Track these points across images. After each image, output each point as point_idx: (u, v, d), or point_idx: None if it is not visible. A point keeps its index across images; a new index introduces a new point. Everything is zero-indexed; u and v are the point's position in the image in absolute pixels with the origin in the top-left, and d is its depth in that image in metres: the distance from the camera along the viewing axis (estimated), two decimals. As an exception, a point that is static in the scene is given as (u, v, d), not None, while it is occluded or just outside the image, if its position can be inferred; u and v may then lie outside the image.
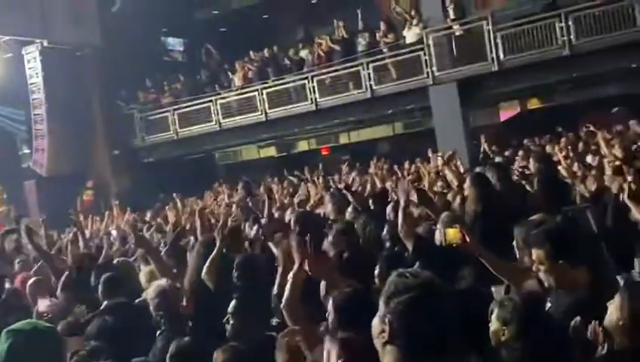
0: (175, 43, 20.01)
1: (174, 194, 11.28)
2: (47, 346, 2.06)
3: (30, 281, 5.05)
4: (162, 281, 3.74)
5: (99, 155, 17.15)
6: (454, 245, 3.40)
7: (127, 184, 16.50)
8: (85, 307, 4.24)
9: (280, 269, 3.65)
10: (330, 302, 2.80)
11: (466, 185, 5.31)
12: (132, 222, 10.67)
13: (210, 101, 16.17)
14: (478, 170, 6.44)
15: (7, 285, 5.46)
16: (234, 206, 9.46)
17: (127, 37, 16.34)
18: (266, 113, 15.39)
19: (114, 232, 9.07)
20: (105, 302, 4.31)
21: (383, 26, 14.37)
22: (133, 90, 17.50)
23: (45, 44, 15.71)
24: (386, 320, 1.71)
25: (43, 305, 4.61)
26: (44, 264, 5.65)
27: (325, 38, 15.44)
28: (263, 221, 6.43)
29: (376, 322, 1.77)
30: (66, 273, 4.98)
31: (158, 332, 3.43)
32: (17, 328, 2.09)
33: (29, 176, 17.06)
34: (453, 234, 3.40)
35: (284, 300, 3.10)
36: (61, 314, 4.14)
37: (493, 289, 3.62)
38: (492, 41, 12.53)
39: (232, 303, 3.41)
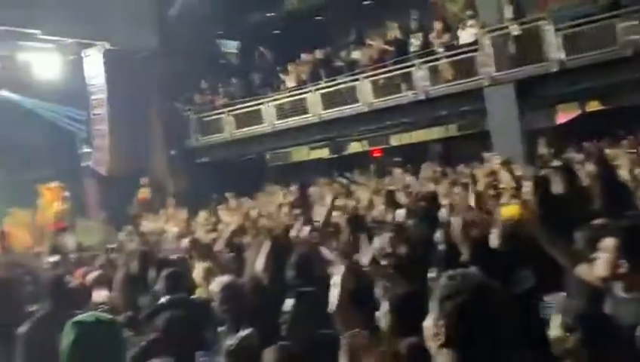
0: (230, 45, 20.33)
1: (227, 194, 11.45)
2: (109, 337, 2.15)
3: (91, 275, 5.22)
4: (226, 277, 3.79)
5: (156, 155, 17.58)
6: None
7: (183, 183, 16.85)
8: (145, 301, 4.36)
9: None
10: (387, 304, 2.79)
11: (525, 189, 5.19)
12: (187, 221, 10.93)
13: (263, 103, 16.37)
14: (539, 173, 6.30)
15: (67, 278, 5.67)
16: (287, 207, 9.54)
17: (184, 40, 16.71)
18: (318, 115, 15.46)
19: (172, 230, 9.29)
20: (167, 297, 4.42)
21: (437, 26, 14.21)
22: (189, 92, 17.87)
23: (106, 46, 16.21)
24: (439, 322, 1.70)
25: (99, 296, 4.76)
26: (105, 259, 5.85)
27: (378, 39, 15.40)
28: (315, 223, 6.46)
29: (429, 324, 1.75)
30: (126, 268, 5.13)
31: (223, 328, 3.46)
32: (81, 320, 2.19)
33: (89, 175, 17.63)
34: (512, 210, 3.35)
35: (334, 305, 3.03)
36: (121, 308, 4.25)
37: (548, 297, 3.54)
38: (552, 41, 12.22)
39: (288, 302, 3.42)
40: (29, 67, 15.86)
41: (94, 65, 16.53)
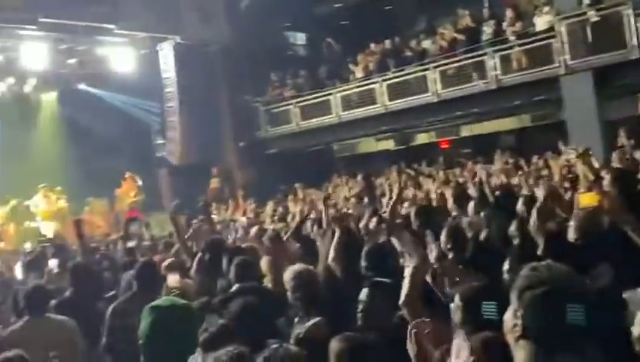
0: (297, 37, 20.45)
1: (296, 185, 11.55)
2: (183, 321, 2.23)
3: (165, 262, 5.39)
4: (299, 264, 3.82)
5: (226, 146, 17.96)
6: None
7: (252, 174, 17.14)
8: (217, 288, 4.46)
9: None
10: (457, 297, 2.73)
11: (606, 182, 4.96)
12: (256, 211, 11.12)
13: (330, 94, 16.39)
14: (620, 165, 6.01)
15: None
16: (354, 198, 9.54)
17: (253, 32, 16.93)
18: (385, 105, 15.35)
19: (242, 220, 9.45)
20: (237, 285, 4.51)
21: (510, 13, 13.80)
22: (258, 84, 18.12)
23: (178, 40, 16.64)
24: (519, 314, 1.67)
25: (172, 280, 4.90)
26: (179, 247, 6.02)
27: (449, 27, 15.10)
28: (383, 214, 6.41)
29: (508, 316, 1.73)
30: (200, 255, 5.26)
31: (297, 317, 3.47)
32: (158, 304, 2.28)
33: (162, 165, 18.22)
34: (589, 198, 3.20)
35: (403, 297, 3.03)
36: (195, 294, 4.36)
37: (627, 294, 3.37)
38: (632, 27, 11.62)
39: (364, 291, 3.40)
40: (106, 61, 16.50)
41: (167, 59, 17.01)
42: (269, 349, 2.28)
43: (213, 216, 10.18)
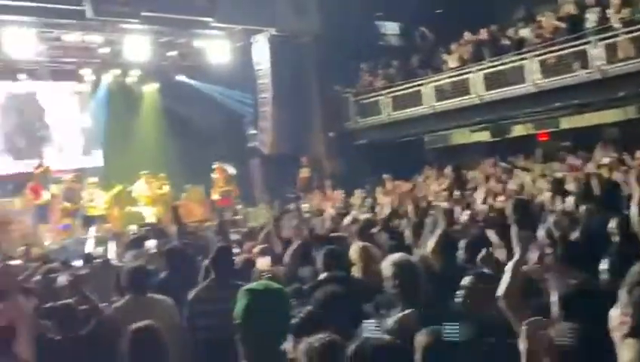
0: (390, 27, 20.26)
1: (384, 176, 11.48)
2: (277, 304, 2.29)
3: (257, 248, 5.52)
4: (398, 254, 3.81)
5: (315, 137, 18.11)
6: None
7: (340, 165, 17.22)
8: (307, 275, 4.53)
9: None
10: (556, 294, 2.63)
11: None
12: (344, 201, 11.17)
13: (423, 84, 16.14)
14: None
15: (236, 251, 6.07)
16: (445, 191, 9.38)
17: (345, 23, 16.92)
18: (480, 96, 14.93)
19: (330, 210, 9.53)
20: (324, 273, 4.56)
21: (615, 0, 12.99)
22: (348, 75, 18.13)
23: (272, 32, 16.94)
24: (628, 311, 1.57)
25: (262, 263, 5.01)
26: (270, 233, 6.16)
27: (549, 15, 14.43)
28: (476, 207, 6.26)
29: (616, 314, 1.64)
30: (294, 243, 5.36)
31: (389, 308, 3.45)
32: (252, 287, 2.35)
33: (254, 155, 18.67)
34: None
35: (503, 289, 2.99)
36: (285, 281, 4.44)
37: None
38: None
39: (465, 279, 3.34)
40: (204, 54, 17.08)
41: (261, 51, 17.36)
42: (360, 337, 2.28)
43: (302, 205, 10.34)
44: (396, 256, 3.74)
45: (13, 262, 7.02)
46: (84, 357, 3.86)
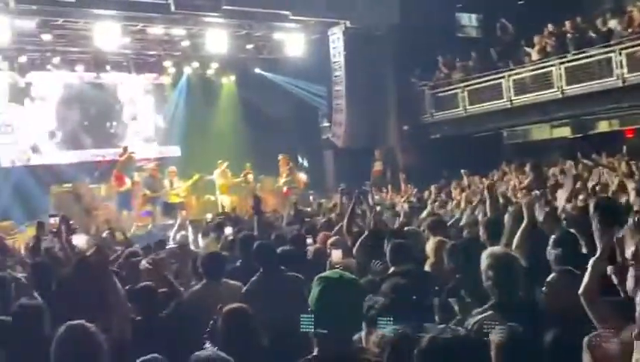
0: (469, 19, 19.81)
1: (462, 171, 11.27)
2: (350, 293, 2.32)
3: (331, 239, 5.57)
4: (498, 248, 3.76)
5: (390, 130, 17.99)
6: None
7: (414, 159, 17.03)
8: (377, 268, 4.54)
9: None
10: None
11: None
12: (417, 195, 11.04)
13: (502, 77, 15.71)
14: None
15: (309, 240, 6.14)
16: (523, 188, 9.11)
17: (423, 15, 16.67)
18: (562, 90, 14.39)
19: (404, 204, 9.45)
20: (392, 267, 4.56)
21: None
22: (425, 67, 17.87)
23: (348, 24, 16.92)
24: None
25: (336, 256, 5.06)
26: (341, 226, 6.20)
27: (640, 5, 13.70)
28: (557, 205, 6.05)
29: None
30: (363, 236, 5.38)
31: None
32: (327, 276, 2.40)
33: (327, 147, 18.77)
34: None
35: (582, 287, 2.94)
36: (357, 273, 4.46)
37: None
38: None
39: (551, 276, 3.27)
40: (280, 46, 17.31)
41: (337, 44, 17.39)
42: (436, 329, 2.26)
43: (374, 198, 10.29)
44: (496, 248, 3.69)
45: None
46: (163, 337, 4.02)
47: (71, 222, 6.15)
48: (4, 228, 12.58)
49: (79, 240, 7.30)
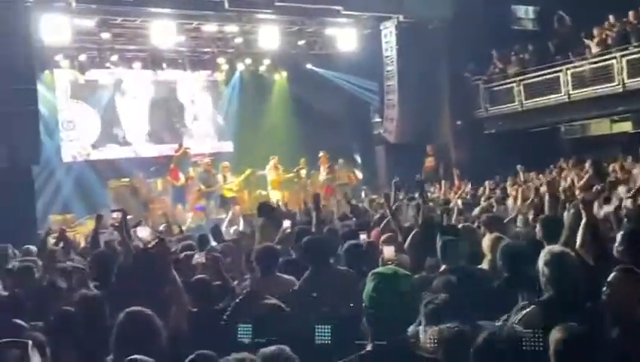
0: (525, 11, 19.34)
1: (518, 166, 11.03)
2: (404, 289, 2.31)
3: (383, 236, 5.56)
4: (558, 246, 3.69)
5: (442, 125, 17.74)
6: None
7: (468, 154, 16.75)
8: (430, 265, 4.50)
9: None
10: None
11: None
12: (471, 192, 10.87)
13: (560, 70, 15.27)
14: None
15: (362, 236, 6.13)
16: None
17: (477, 8, 16.36)
18: (623, 83, 13.88)
19: (457, 200, 9.33)
20: (443, 266, 4.51)
21: None
22: (479, 61, 17.55)
23: (401, 18, 16.76)
24: None
25: (388, 252, 5.03)
26: (389, 222, 6.18)
27: None
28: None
29: None
30: (414, 231, 5.33)
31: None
32: (381, 271, 2.40)
33: (379, 143, 18.67)
34: None
35: None
36: (410, 269, 4.43)
37: None
38: None
39: (612, 275, 3.17)
40: (332, 42, 17.31)
41: (389, 38, 17.24)
42: (492, 326, 2.23)
43: (427, 194, 10.20)
44: (555, 246, 3.61)
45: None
46: (217, 329, 4.09)
47: (129, 217, 6.32)
48: (66, 220, 13.09)
49: (143, 233, 7.54)
